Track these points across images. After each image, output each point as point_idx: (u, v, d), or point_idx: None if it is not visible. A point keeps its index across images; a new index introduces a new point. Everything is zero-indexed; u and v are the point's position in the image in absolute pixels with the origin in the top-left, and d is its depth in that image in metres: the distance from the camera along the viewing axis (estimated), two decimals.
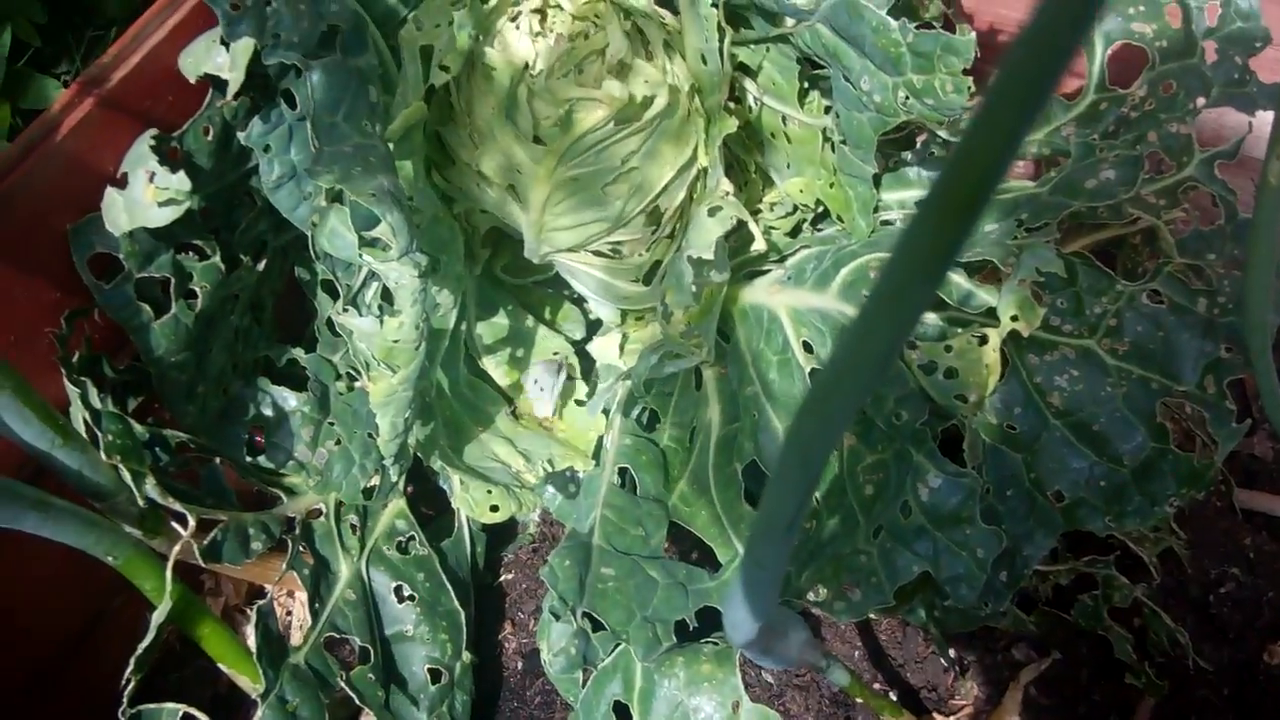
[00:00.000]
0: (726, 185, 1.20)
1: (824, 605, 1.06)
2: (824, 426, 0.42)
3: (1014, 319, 1.02)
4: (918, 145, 1.39)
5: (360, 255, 1.07)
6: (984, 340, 1.07)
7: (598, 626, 1.14)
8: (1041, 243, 1.08)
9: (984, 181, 0.32)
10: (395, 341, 1.08)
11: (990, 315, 1.09)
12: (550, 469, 1.35)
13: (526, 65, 1.12)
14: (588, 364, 1.49)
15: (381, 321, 1.10)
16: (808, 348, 1.21)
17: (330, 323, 1.35)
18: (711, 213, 1.13)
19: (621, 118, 1.14)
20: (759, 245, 1.31)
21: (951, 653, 1.36)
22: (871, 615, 1.23)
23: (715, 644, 1.15)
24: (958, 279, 1.12)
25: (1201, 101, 1.19)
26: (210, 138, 1.20)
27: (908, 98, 1.10)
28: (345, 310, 1.20)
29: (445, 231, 1.25)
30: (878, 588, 1.04)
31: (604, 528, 1.21)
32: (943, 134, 1.29)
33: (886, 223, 1.30)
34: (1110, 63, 1.28)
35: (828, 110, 1.29)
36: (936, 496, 1.03)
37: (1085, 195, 1.15)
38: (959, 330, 1.11)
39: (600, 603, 1.13)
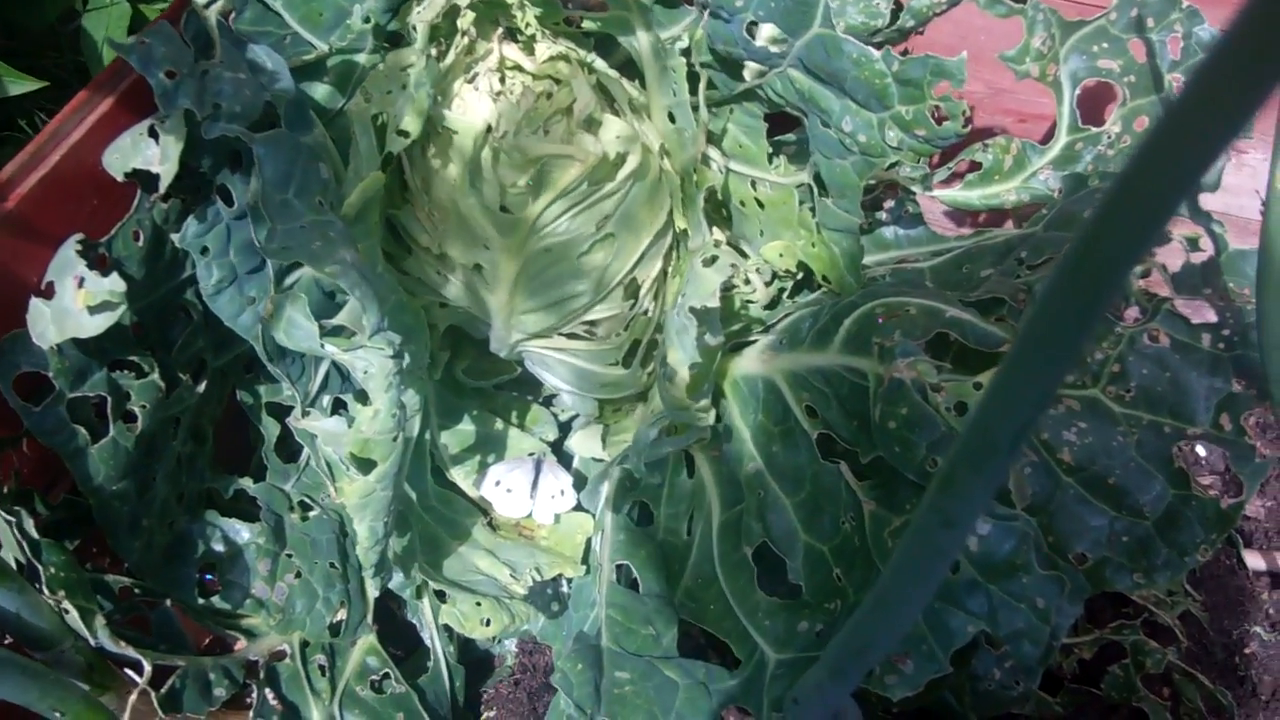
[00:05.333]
0: (718, 235, 1.12)
1: (874, 684, 0.95)
2: (949, 530, 0.36)
3: None
4: (889, 205, 1.33)
5: (323, 345, 0.97)
6: None
7: None
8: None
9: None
10: (371, 434, 0.97)
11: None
12: (539, 577, 1.23)
13: (489, 127, 1.03)
14: (564, 463, 1.38)
15: (349, 421, 1.00)
16: (811, 412, 1.12)
17: (279, 449, 1.24)
18: (707, 263, 1.05)
19: (595, 178, 1.06)
20: (744, 313, 1.23)
21: None
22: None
23: None
24: (971, 318, 1.04)
25: None
26: (141, 243, 1.09)
27: (896, 133, 1.04)
28: (306, 414, 1.08)
29: (410, 319, 1.15)
30: (930, 655, 0.93)
31: (611, 629, 1.09)
32: (916, 189, 1.23)
33: (874, 279, 1.23)
34: (1080, 102, 1.25)
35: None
36: (987, 545, 0.92)
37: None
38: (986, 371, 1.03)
39: (620, 709, 1.01)
